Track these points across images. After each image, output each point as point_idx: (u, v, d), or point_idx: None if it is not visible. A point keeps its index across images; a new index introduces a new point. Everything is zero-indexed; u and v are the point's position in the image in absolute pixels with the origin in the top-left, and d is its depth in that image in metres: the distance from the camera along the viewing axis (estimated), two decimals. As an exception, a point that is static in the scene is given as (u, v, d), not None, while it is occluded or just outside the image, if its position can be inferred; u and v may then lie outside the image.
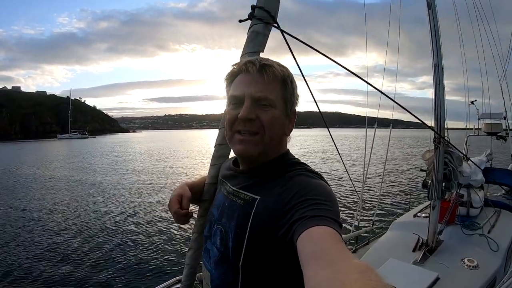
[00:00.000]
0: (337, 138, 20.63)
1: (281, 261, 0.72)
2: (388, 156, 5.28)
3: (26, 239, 7.31)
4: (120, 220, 8.93)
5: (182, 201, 0.95)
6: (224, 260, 0.81)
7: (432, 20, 3.01)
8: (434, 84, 3.07)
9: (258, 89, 0.76)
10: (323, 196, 0.68)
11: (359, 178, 9.99)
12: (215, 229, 0.86)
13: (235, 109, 0.79)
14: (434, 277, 2.41)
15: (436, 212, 3.04)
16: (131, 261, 6.08)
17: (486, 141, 5.90)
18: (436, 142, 2.95)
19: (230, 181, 0.89)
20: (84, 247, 6.84)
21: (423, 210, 3.95)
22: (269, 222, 0.71)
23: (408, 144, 46.63)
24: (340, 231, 0.61)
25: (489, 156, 5.25)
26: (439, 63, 3.02)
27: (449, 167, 3.00)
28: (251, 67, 0.76)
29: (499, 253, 2.86)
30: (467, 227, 3.31)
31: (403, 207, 8.28)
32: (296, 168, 0.79)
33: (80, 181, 15.27)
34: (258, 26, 0.99)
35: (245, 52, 0.99)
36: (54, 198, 11.59)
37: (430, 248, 2.94)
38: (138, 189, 13.45)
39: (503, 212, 3.88)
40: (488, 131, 5.79)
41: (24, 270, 5.62)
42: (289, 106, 0.82)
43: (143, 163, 23.79)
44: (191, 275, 1.06)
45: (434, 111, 3.05)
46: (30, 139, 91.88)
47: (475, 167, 3.66)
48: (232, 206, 0.83)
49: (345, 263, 0.48)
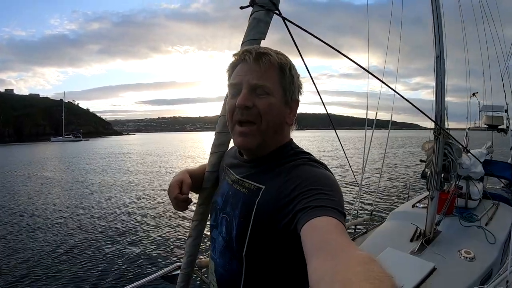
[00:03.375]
0: (331, 139, 19.63)
1: (284, 250, 0.72)
2: (387, 151, 5.27)
3: (28, 236, 7.28)
4: (119, 212, 9.01)
5: (182, 187, 0.95)
6: (228, 249, 0.81)
7: (434, 10, 2.96)
8: (435, 76, 3.04)
9: (254, 76, 0.76)
10: (327, 186, 0.68)
11: (358, 168, 10.01)
12: (220, 218, 0.86)
13: (234, 98, 0.79)
14: (431, 267, 2.43)
15: (435, 203, 3.06)
16: (130, 249, 6.14)
17: (486, 134, 5.88)
18: (436, 133, 2.95)
19: (235, 169, 0.89)
20: (84, 237, 6.91)
21: (422, 201, 3.96)
22: (273, 211, 0.71)
23: (402, 144, 46.36)
24: (343, 221, 0.61)
25: (490, 148, 5.24)
26: (441, 54, 2.99)
27: (448, 158, 3.00)
28: (248, 56, 0.76)
29: (496, 245, 2.88)
30: (465, 218, 3.33)
31: (401, 197, 8.33)
32: (300, 158, 0.79)
33: (76, 182, 15.12)
34: (259, 13, 0.97)
35: (246, 40, 0.97)
36: (53, 198, 11.50)
37: (428, 238, 2.97)
38: (137, 185, 13.52)
39: (501, 205, 3.89)
40: (489, 124, 5.77)
41: (36, 267, 5.58)
42: (289, 94, 0.81)
43: (141, 164, 23.57)
44: (190, 262, 1.07)
45: (435, 102, 3.03)
46: (23, 142, 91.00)
47: (474, 159, 3.66)
48: (237, 195, 0.83)
49: (348, 254, 0.48)
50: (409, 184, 7.67)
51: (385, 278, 0.41)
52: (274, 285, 0.77)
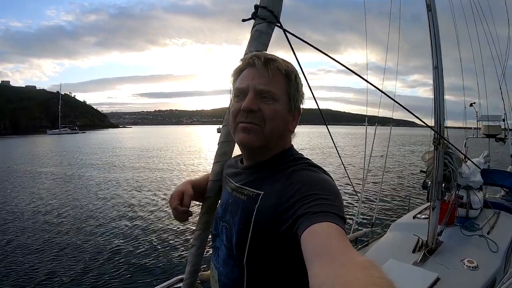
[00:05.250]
0: (328, 136, 20.49)
1: (285, 256, 0.72)
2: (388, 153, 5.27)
3: (26, 237, 7.22)
4: (120, 218, 8.84)
5: (183, 198, 0.95)
6: (230, 257, 0.81)
7: (432, 22, 3.02)
8: (433, 86, 3.08)
9: (262, 81, 0.77)
10: (327, 191, 0.68)
11: (358, 179, 9.99)
12: (221, 227, 0.87)
13: (239, 101, 0.80)
14: (434, 278, 2.41)
15: (436, 213, 3.05)
16: (132, 259, 6.02)
17: (484, 143, 5.91)
18: (436, 143, 2.96)
19: (234, 178, 0.90)
20: (83, 245, 6.75)
21: (423, 211, 3.95)
22: (273, 217, 0.71)
23: (399, 142, 46.33)
24: (344, 227, 0.61)
25: (487, 157, 5.27)
26: (439, 65, 3.04)
27: (448, 168, 3.01)
28: (257, 61, 0.78)
29: (499, 254, 2.86)
30: (467, 228, 3.32)
31: (402, 209, 8.29)
32: (299, 163, 0.80)
33: (72, 176, 15.13)
34: (261, 25, 1.01)
35: (248, 51, 1.00)
36: (52, 194, 11.46)
37: (430, 249, 2.94)
38: (140, 185, 13.32)
39: (502, 213, 3.88)
40: (487, 133, 5.81)
41: (28, 268, 5.54)
42: (293, 102, 0.82)
43: (138, 158, 23.49)
44: (193, 272, 1.05)
45: (434, 112, 3.06)
46: (20, 135, 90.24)
47: (473, 168, 3.67)
48: (236, 202, 0.83)
49: (348, 260, 0.48)
50: (410, 196, 7.64)
51: (385, 284, 0.41)
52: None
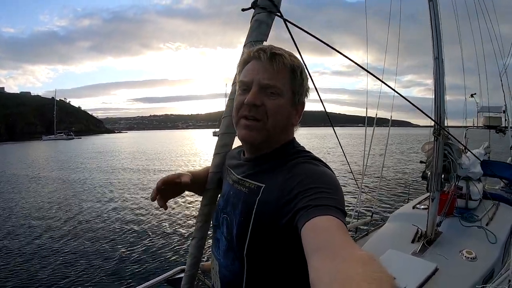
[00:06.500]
0: (325, 137, 19.37)
1: (285, 249, 0.72)
2: (387, 149, 5.30)
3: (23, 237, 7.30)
4: (120, 212, 8.98)
5: (181, 178, 0.91)
6: (230, 249, 0.81)
7: (432, 12, 2.99)
8: (434, 77, 3.07)
9: (267, 76, 0.76)
10: (327, 184, 0.68)
11: (358, 169, 10.02)
12: (221, 218, 0.87)
13: (242, 95, 0.79)
14: (433, 268, 2.43)
15: (435, 204, 3.06)
16: (133, 252, 6.10)
17: (484, 134, 5.91)
18: (436, 134, 2.96)
19: (236, 169, 0.89)
20: (84, 239, 6.86)
21: (422, 202, 3.97)
22: (274, 210, 0.71)
23: (397, 141, 46.50)
24: (344, 220, 0.61)
25: (487, 149, 5.27)
26: (440, 56, 3.01)
27: (448, 159, 3.01)
28: (262, 54, 0.77)
29: (497, 245, 2.88)
30: (466, 219, 3.34)
31: (402, 199, 8.33)
32: (301, 156, 0.79)
33: (70, 181, 15.11)
34: (261, 15, 0.99)
35: (248, 41, 0.98)
36: (49, 197, 11.48)
37: (429, 239, 2.97)
38: (134, 185, 13.48)
39: (501, 205, 3.90)
40: (487, 125, 5.80)
41: (28, 270, 5.57)
42: (297, 97, 0.82)
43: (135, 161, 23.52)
44: (194, 264, 1.06)
45: (434, 104, 3.05)
46: (15, 141, 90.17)
47: (473, 159, 3.68)
48: (237, 195, 0.83)
49: (349, 254, 0.48)
50: (409, 186, 7.67)
51: (385, 278, 0.41)
52: (276, 284, 0.76)
